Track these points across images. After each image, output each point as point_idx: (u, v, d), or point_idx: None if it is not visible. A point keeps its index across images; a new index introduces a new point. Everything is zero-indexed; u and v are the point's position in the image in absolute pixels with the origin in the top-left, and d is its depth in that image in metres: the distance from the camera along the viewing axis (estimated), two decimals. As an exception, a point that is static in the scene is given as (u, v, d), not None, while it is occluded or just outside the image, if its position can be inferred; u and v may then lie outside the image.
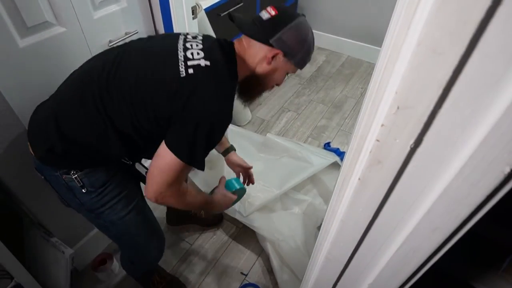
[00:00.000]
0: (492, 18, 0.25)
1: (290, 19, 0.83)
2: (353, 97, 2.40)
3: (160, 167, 0.78)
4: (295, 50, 0.85)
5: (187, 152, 0.76)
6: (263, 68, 0.87)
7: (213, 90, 0.76)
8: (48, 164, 0.82)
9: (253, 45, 0.85)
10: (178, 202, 0.86)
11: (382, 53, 0.39)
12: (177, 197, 0.84)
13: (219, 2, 1.78)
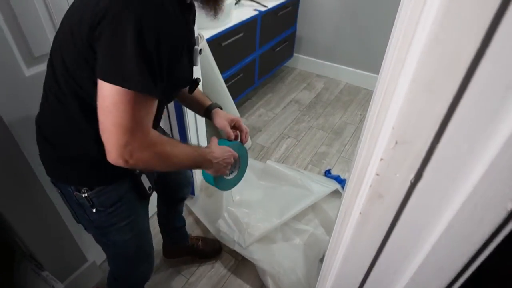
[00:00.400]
0: (482, 59, 0.26)
1: None
2: (353, 124, 2.42)
3: (106, 112, 0.61)
4: None
5: (122, 72, 0.58)
6: None
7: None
8: (57, 179, 0.82)
9: None
10: (157, 156, 0.68)
11: (378, 89, 0.39)
12: (151, 149, 0.66)
13: (220, 32, 1.83)
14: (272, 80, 2.91)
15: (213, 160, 0.84)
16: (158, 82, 0.62)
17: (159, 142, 0.69)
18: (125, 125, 0.61)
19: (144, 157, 0.66)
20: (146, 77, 0.59)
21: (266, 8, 2.19)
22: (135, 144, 0.63)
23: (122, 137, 0.61)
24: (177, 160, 0.74)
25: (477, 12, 0.24)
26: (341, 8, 2.62)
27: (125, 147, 0.62)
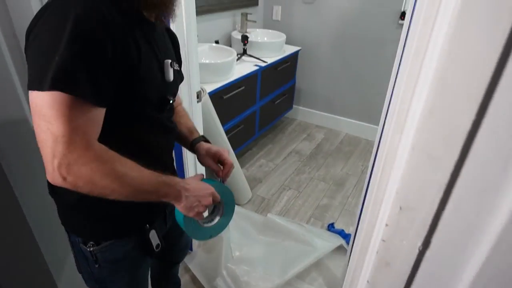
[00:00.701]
0: (479, 129, 0.26)
1: None
2: (354, 175, 2.41)
3: (37, 124, 0.54)
4: None
5: (42, 76, 0.52)
6: None
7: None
8: (66, 226, 0.80)
9: None
10: (103, 173, 0.57)
11: (379, 153, 0.39)
12: (94, 163, 0.56)
13: (222, 86, 1.90)
14: (273, 131, 2.96)
15: (183, 191, 0.70)
16: (93, 85, 0.56)
17: (107, 158, 0.59)
18: (58, 133, 0.54)
19: (85, 173, 0.56)
20: (73, 78, 0.53)
21: (266, 63, 2.29)
22: (73, 156, 0.54)
23: (56, 147, 0.54)
24: (132, 183, 0.62)
25: (470, 84, 0.25)
26: (338, 61, 2.75)
27: (61, 159, 0.54)
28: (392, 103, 0.38)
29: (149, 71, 0.70)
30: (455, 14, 0.24)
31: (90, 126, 0.58)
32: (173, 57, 0.81)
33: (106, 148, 0.60)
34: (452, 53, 0.25)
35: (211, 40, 2.37)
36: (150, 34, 0.72)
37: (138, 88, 0.67)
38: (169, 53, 0.80)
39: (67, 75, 0.53)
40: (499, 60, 0.24)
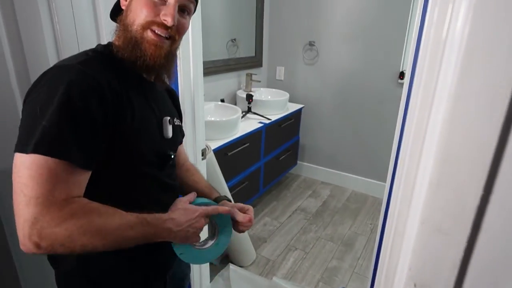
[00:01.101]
0: (488, 202, 0.25)
1: None
2: (363, 234, 2.32)
3: (15, 185, 0.53)
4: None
5: (24, 138, 0.53)
6: (124, 12, 0.70)
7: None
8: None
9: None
10: (79, 231, 0.53)
11: (387, 223, 0.38)
12: (69, 222, 0.53)
13: (227, 143, 1.92)
14: (277, 188, 2.93)
15: (172, 227, 0.66)
16: (78, 148, 0.56)
17: (83, 211, 0.55)
18: (31, 195, 0.51)
19: (59, 235, 0.52)
20: (57, 141, 0.54)
21: (270, 120, 2.35)
22: (45, 219, 0.51)
23: (28, 210, 0.51)
24: (113, 233, 0.57)
25: (474, 160, 0.25)
26: (341, 118, 2.80)
27: (33, 224, 0.51)
28: (398, 171, 0.38)
29: (146, 129, 0.71)
30: (453, 91, 0.25)
31: (70, 187, 0.56)
32: (172, 113, 0.83)
33: (85, 202, 0.57)
34: (453, 129, 0.25)
35: (217, 99, 2.46)
36: (148, 93, 0.74)
37: (134, 146, 0.68)
38: (168, 110, 0.82)
39: (50, 138, 0.53)
40: (500, 136, 0.24)
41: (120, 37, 0.69)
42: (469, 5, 0.24)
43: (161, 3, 0.66)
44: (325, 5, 2.59)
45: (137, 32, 0.66)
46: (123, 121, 0.65)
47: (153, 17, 0.66)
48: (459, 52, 0.25)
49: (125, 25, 0.68)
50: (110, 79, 0.63)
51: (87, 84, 0.58)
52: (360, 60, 2.56)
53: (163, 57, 0.69)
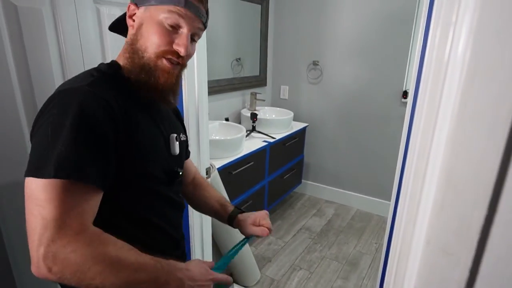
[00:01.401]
0: (493, 223, 0.25)
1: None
2: (368, 253, 2.28)
3: (27, 213, 0.53)
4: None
5: (38, 162, 0.54)
6: (130, 35, 0.70)
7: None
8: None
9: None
10: (94, 259, 0.52)
11: (393, 243, 0.38)
12: (86, 248, 0.52)
13: (231, 161, 1.93)
14: (281, 206, 2.90)
15: (186, 280, 0.63)
16: (94, 169, 0.56)
17: (100, 241, 0.54)
18: (49, 217, 0.51)
19: (73, 261, 0.51)
20: (73, 163, 0.54)
21: (275, 139, 2.36)
22: (61, 242, 0.50)
23: (45, 233, 0.50)
24: (127, 269, 0.55)
25: (477, 181, 0.25)
26: (345, 137, 2.81)
27: (47, 246, 0.50)
28: (402, 190, 0.38)
29: (155, 148, 0.72)
30: (455, 112, 0.26)
31: (86, 209, 0.56)
32: (178, 130, 0.84)
33: (101, 231, 0.56)
34: (456, 150, 0.25)
35: (222, 118, 2.48)
36: (154, 112, 0.75)
37: (143, 164, 0.69)
38: (174, 127, 0.83)
39: (68, 161, 0.53)
40: (503, 157, 0.25)
41: (129, 60, 0.69)
42: (470, 29, 0.25)
43: (174, 31, 0.67)
44: (328, 25, 2.64)
45: (150, 60, 0.67)
46: (132, 139, 0.66)
47: (166, 46, 0.67)
48: (461, 75, 0.26)
49: (135, 50, 0.68)
50: (117, 99, 0.64)
51: (98, 105, 0.59)
52: (364, 79, 2.59)
53: (173, 83, 0.71)
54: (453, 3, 0.26)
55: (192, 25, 0.68)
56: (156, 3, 0.65)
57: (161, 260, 0.61)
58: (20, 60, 1.06)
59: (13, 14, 1.02)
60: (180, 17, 0.66)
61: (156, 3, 0.65)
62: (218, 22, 2.30)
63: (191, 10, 0.66)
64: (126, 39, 0.71)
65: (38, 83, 1.10)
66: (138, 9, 0.68)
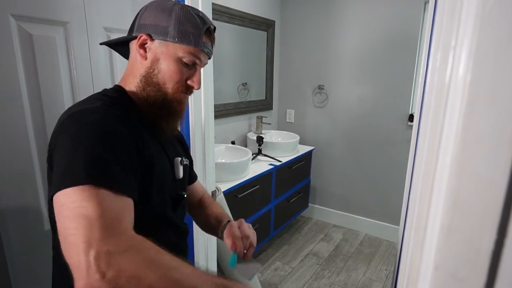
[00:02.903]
0: (504, 247, 0.25)
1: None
2: (378, 281, 2.21)
3: (68, 222, 0.48)
4: (162, 24, 0.68)
5: (73, 173, 0.51)
6: (143, 65, 0.71)
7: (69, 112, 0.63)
8: None
9: (130, 54, 0.75)
10: (146, 263, 0.47)
11: (401, 268, 0.37)
12: (136, 252, 0.48)
13: (237, 185, 1.92)
14: (288, 231, 2.86)
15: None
16: (125, 176, 0.56)
17: (150, 247, 0.51)
18: (93, 215, 0.47)
19: (127, 264, 0.46)
20: (105, 170, 0.53)
21: (281, 162, 2.35)
22: (112, 242, 0.46)
23: (92, 233, 0.46)
24: (184, 282, 0.50)
25: (485, 204, 0.25)
26: (352, 161, 2.79)
27: (99, 247, 0.45)
28: (409, 215, 0.37)
29: (163, 170, 0.74)
30: (458, 136, 0.26)
31: (125, 213, 0.53)
32: (181, 154, 0.86)
33: (144, 238, 0.52)
34: (461, 173, 0.25)
35: (228, 141, 2.50)
36: (160, 136, 0.77)
37: (152, 185, 0.69)
38: (177, 151, 0.85)
39: (99, 168, 0.52)
40: (509, 179, 0.24)
41: (142, 91, 0.72)
42: (469, 53, 0.25)
43: (188, 67, 0.72)
44: (333, 50, 2.69)
45: (167, 93, 0.72)
46: (146, 159, 0.67)
47: (183, 82, 0.73)
48: (463, 98, 0.26)
49: (151, 82, 0.71)
50: (131, 119, 0.67)
51: (117, 120, 0.62)
52: (369, 103, 2.60)
53: (185, 107, 0.77)
54: (452, 28, 0.27)
55: (203, 62, 0.75)
56: (177, 41, 0.68)
57: (215, 277, 0.56)
58: (32, 85, 1.09)
59: (28, 42, 1.06)
60: (196, 57, 0.71)
61: (177, 42, 0.69)
62: (225, 48, 2.36)
63: (205, 50, 0.72)
64: (138, 69, 0.72)
65: (49, 108, 1.13)
66: (153, 41, 0.69)
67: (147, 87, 0.71)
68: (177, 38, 0.68)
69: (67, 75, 1.18)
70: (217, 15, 2.15)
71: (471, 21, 0.24)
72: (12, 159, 1.05)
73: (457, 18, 0.26)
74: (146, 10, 0.71)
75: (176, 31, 0.68)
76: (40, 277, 1.02)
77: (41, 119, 1.12)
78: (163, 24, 0.68)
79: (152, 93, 0.71)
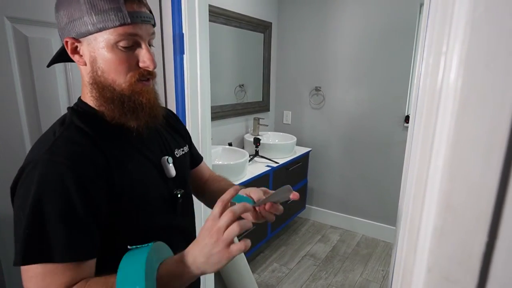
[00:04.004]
0: (494, 249, 0.25)
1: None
2: (375, 281, 2.22)
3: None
4: (76, 18, 0.58)
5: (16, 249, 0.55)
6: (86, 71, 0.64)
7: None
8: None
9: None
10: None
11: (395, 269, 0.37)
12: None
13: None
14: (285, 232, 2.86)
15: (200, 265, 0.56)
16: (68, 245, 0.55)
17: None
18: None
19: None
20: (41, 246, 0.54)
21: (278, 164, 2.35)
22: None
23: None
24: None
25: (476, 207, 0.25)
26: (349, 162, 2.80)
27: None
28: (403, 216, 0.38)
29: (146, 181, 0.68)
30: (450, 139, 0.26)
31: (61, 281, 0.55)
32: (171, 148, 0.79)
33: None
34: (453, 176, 0.26)
35: (225, 143, 2.50)
36: (136, 141, 0.70)
37: (139, 206, 0.66)
38: (165, 147, 0.78)
39: (33, 246, 0.54)
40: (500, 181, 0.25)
41: (99, 99, 0.64)
42: (460, 59, 0.25)
43: (132, 49, 0.61)
44: (330, 51, 2.70)
45: (124, 89, 0.63)
46: (119, 186, 0.62)
47: (133, 69, 0.62)
48: (454, 102, 0.26)
49: (101, 86, 0.63)
50: (89, 149, 0.61)
51: (70, 156, 0.57)
52: (366, 104, 2.61)
53: (154, 96, 0.68)
54: (443, 33, 0.27)
55: (145, 34, 0.62)
56: (100, 28, 0.57)
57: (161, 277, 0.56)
58: (28, 88, 1.09)
59: (23, 44, 1.06)
60: (132, 35, 0.59)
61: (98, 30, 0.58)
62: (222, 49, 2.36)
63: (139, 20, 0.59)
64: (84, 77, 0.65)
65: (44, 110, 1.13)
66: (80, 42, 0.61)
67: (102, 93, 0.63)
68: (98, 25, 0.57)
69: (63, 77, 1.17)
70: (214, 17, 2.16)
71: (462, 27, 0.24)
72: (7, 162, 1.04)
73: (448, 23, 0.26)
74: (56, 9, 0.60)
75: (93, 17, 0.57)
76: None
77: (37, 121, 1.12)
78: (77, 17, 0.57)
79: (108, 96, 0.62)
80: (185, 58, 1.30)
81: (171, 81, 1.35)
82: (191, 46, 1.30)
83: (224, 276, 1.75)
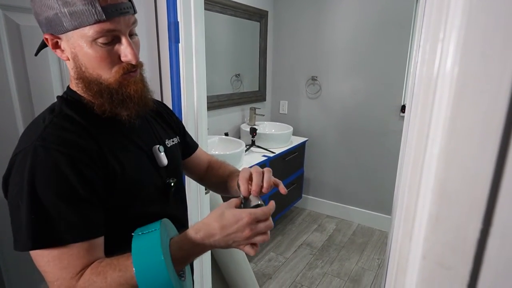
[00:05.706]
0: (488, 236, 0.25)
1: None
2: (371, 269, 2.25)
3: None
4: (51, 14, 0.56)
5: (17, 236, 0.56)
6: (70, 66, 0.64)
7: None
8: None
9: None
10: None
11: (391, 258, 0.38)
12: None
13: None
14: (282, 222, 2.88)
15: (210, 242, 0.59)
16: (72, 226, 0.56)
17: (96, 273, 0.56)
18: (49, 280, 0.57)
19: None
20: (47, 230, 0.55)
21: (274, 154, 2.36)
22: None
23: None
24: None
25: (471, 194, 0.25)
26: (345, 151, 2.81)
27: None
28: (398, 204, 0.38)
29: (138, 169, 0.69)
30: (446, 127, 0.26)
31: (78, 262, 0.57)
32: (162, 137, 0.79)
33: (94, 265, 0.57)
34: (448, 163, 0.26)
35: (221, 133, 2.49)
36: (127, 130, 0.70)
37: (131, 192, 0.67)
38: (156, 136, 0.78)
39: (42, 229, 0.54)
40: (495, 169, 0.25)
41: (87, 92, 0.64)
42: (457, 46, 0.25)
43: (112, 43, 0.60)
44: (326, 41, 2.68)
45: (110, 83, 0.62)
46: (112, 172, 0.63)
47: (117, 64, 0.62)
48: (450, 90, 0.26)
49: (88, 81, 0.62)
50: (80, 136, 0.61)
51: (62, 142, 0.58)
52: (362, 94, 2.61)
53: (142, 86, 0.67)
54: (440, 21, 0.27)
55: (125, 27, 0.60)
56: (74, 26, 0.56)
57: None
58: (20, 76, 1.07)
59: (15, 33, 1.04)
60: (110, 31, 0.58)
61: (74, 27, 0.56)
62: (218, 39, 2.34)
63: (115, 14, 0.57)
64: (70, 71, 0.65)
65: (38, 98, 1.12)
66: (60, 38, 0.60)
67: (89, 87, 0.63)
68: (73, 22, 0.55)
69: (57, 66, 1.16)
70: (210, 5, 2.13)
71: (459, 14, 0.24)
72: (0, 150, 1.03)
73: (445, 10, 0.26)
74: (32, 3, 0.58)
75: (66, 14, 0.55)
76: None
77: (31, 109, 1.10)
78: (52, 14, 0.56)
79: (96, 89, 0.62)
80: (180, 47, 1.29)
81: (166, 70, 1.34)
82: (186, 35, 1.28)
83: (221, 265, 1.77)
